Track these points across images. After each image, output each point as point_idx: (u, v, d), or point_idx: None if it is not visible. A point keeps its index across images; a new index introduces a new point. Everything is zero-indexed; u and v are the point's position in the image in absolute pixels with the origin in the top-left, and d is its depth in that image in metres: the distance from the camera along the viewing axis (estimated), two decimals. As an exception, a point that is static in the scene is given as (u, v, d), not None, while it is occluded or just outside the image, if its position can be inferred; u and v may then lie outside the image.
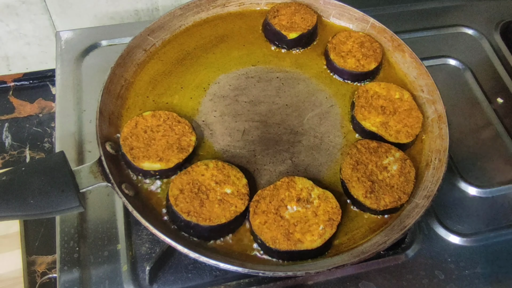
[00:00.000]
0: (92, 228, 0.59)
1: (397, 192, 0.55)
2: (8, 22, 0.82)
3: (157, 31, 0.67)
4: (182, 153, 0.55)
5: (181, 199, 0.52)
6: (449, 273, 0.59)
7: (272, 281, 0.57)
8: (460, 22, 0.86)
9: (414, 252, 0.60)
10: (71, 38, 0.77)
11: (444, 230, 0.62)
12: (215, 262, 0.48)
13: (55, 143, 0.66)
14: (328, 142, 0.61)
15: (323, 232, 0.51)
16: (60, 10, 0.83)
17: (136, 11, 0.88)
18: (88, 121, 0.68)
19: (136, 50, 0.65)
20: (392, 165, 0.57)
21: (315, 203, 0.53)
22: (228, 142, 0.60)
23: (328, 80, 0.66)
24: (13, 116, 0.85)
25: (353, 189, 0.55)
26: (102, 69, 0.72)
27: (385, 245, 0.51)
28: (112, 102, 0.60)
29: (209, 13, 0.71)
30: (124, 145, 0.55)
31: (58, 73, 0.73)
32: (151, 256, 0.57)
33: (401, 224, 0.54)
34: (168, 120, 0.58)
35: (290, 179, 0.55)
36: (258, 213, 0.52)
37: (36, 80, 0.90)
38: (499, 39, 0.85)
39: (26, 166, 0.50)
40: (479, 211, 0.64)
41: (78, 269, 0.56)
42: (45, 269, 0.69)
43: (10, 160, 0.80)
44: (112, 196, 0.62)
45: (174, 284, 0.56)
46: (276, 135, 0.61)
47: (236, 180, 0.54)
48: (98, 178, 0.52)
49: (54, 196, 0.48)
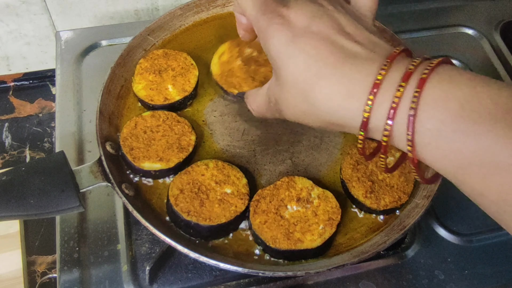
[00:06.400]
0: (92, 228, 0.59)
1: (397, 192, 0.55)
2: (8, 22, 0.82)
3: (157, 31, 0.67)
4: (182, 153, 0.56)
5: (181, 199, 0.52)
6: (449, 273, 0.59)
7: (272, 281, 0.57)
8: (460, 22, 0.87)
9: (414, 252, 0.60)
10: (71, 38, 0.77)
11: (444, 230, 0.62)
12: (215, 262, 0.48)
13: (55, 143, 0.66)
14: (328, 142, 0.61)
15: (323, 232, 0.51)
16: (60, 10, 0.83)
17: (136, 11, 0.88)
18: (88, 121, 0.68)
19: (136, 50, 0.65)
20: (392, 165, 0.57)
21: (315, 202, 0.53)
22: (228, 142, 0.60)
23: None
24: (13, 116, 0.85)
25: (353, 189, 0.55)
26: (102, 69, 0.72)
27: (385, 245, 0.51)
28: (112, 102, 0.60)
29: (209, 13, 0.71)
30: (124, 145, 0.55)
31: (58, 73, 0.73)
32: (151, 256, 0.57)
33: (401, 224, 0.54)
34: (168, 120, 0.58)
35: (290, 179, 0.55)
36: (258, 212, 0.52)
37: (36, 80, 0.90)
38: (499, 39, 0.85)
39: (26, 166, 0.50)
40: (479, 211, 0.63)
41: (78, 269, 0.56)
42: (45, 269, 0.69)
43: (10, 160, 0.80)
44: (112, 196, 0.62)
45: (174, 284, 0.56)
46: (276, 135, 0.61)
47: (236, 180, 0.54)
48: (98, 178, 0.52)
49: (54, 196, 0.48)
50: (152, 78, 0.61)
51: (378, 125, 0.36)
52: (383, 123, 0.35)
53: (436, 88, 0.33)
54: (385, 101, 0.35)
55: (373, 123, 0.36)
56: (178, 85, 0.61)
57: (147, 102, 0.60)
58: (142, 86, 0.60)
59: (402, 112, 0.34)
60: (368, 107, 0.35)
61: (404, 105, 0.34)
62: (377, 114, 0.36)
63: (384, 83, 0.35)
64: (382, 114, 0.35)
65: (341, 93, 0.37)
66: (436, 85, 0.33)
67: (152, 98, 0.60)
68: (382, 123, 0.36)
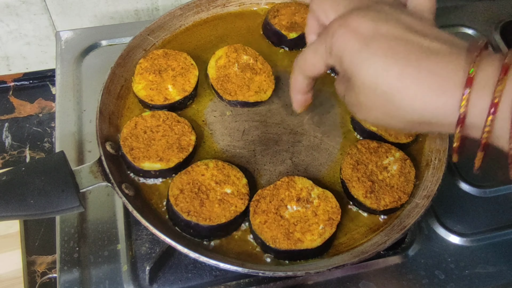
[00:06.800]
0: (92, 228, 0.59)
1: (397, 192, 0.55)
2: (8, 22, 0.82)
3: (157, 31, 0.67)
4: (182, 153, 0.56)
5: (181, 199, 0.52)
6: (449, 273, 0.59)
7: (272, 281, 0.57)
8: (460, 22, 0.86)
9: (414, 252, 0.60)
10: (71, 38, 0.77)
11: (444, 230, 0.62)
12: (215, 262, 0.48)
13: (55, 143, 0.66)
14: (328, 142, 0.61)
15: (323, 232, 0.51)
16: (60, 10, 0.83)
17: (136, 11, 0.88)
18: (88, 121, 0.68)
19: (136, 50, 0.65)
20: (392, 165, 0.57)
21: (315, 202, 0.53)
22: (228, 142, 0.60)
23: (328, 80, 0.66)
24: (13, 116, 0.85)
25: (353, 189, 0.55)
26: (102, 69, 0.72)
27: (385, 245, 0.51)
28: (112, 102, 0.60)
29: (209, 13, 0.71)
30: (124, 145, 0.55)
31: (58, 73, 0.73)
32: (151, 256, 0.57)
33: (401, 224, 0.54)
34: (168, 120, 0.58)
35: (290, 179, 0.55)
36: (258, 212, 0.52)
37: (36, 80, 0.90)
38: (499, 39, 0.84)
39: (26, 166, 0.50)
40: (479, 211, 0.64)
41: (78, 269, 0.56)
42: (45, 269, 0.69)
43: (10, 160, 0.80)
44: (112, 196, 0.62)
45: (174, 284, 0.56)
46: (276, 135, 0.61)
47: (236, 180, 0.54)
48: (98, 178, 0.52)
49: (54, 196, 0.48)
50: (152, 78, 0.61)
51: (475, 121, 0.35)
52: (481, 119, 0.34)
53: None
54: (483, 96, 0.34)
55: (470, 119, 0.35)
56: (178, 85, 0.61)
57: (147, 102, 0.60)
58: (142, 86, 0.60)
59: (504, 106, 0.33)
60: (464, 102, 0.34)
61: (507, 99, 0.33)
62: (475, 110, 0.34)
63: (479, 77, 0.34)
64: (481, 110, 0.34)
65: (431, 90, 0.36)
66: None
67: (152, 98, 0.60)
68: (480, 119, 0.34)
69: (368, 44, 0.38)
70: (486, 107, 0.34)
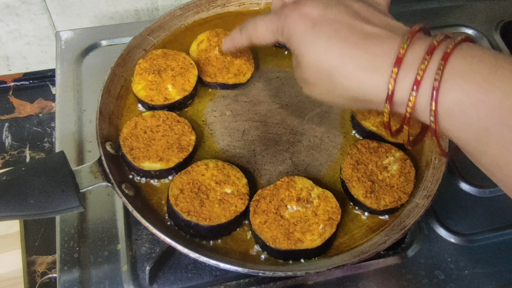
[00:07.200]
0: (92, 228, 0.59)
1: (397, 192, 0.55)
2: (8, 22, 0.82)
3: (157, 31, 0.67)
4: (182, 153, 0.56)
5: (181, 199, 0.52)
6: (449, 273, 0.59)
7: (272, 281, 0.57)
8: (460, 22, 0.86)
9: (414, 252, 0.60)
10: (71, 38, 0.77)
11: (444, 230, 0.62)
12: (215, 262, 0.48)
13: (55, 143, 0.66)
14: (328, 142, 0.61)
15: (323, 232, 0.51)
16: (60, 10, 0.83)
17: (136, 11, 0.88)
18: (88, 121, 0.68)
19: (136, 50, 0.65)
20: (392, 165, 0.57)
21: (315, 202, 0.53)
22: (228, 142, 0.60)
23: (328, 80, 0.67)
24: (13, 116, 0.85)
25: (353, 189, 0.55)
26: (102, 69, 0.72)
27: (385, 245, 0.51)
28: (112, 102, 0.60)
29: (209, 13, 0.71)
30: (124, 145, 0.55)
31: (58, 73, 0.73)
32: (151, 256, 0.57)
33: (401, 224, 0.54)
34: (168, 120, 0.58)
35: (290, 179, 0.55)
36: (258, 212, 0.52)
37: (36, 80, 0.90)
38: (499, 39, 0.84)
39: (26, 166, 0.50)
40: (479, 211, 0.64)
41: (78, 269, 0.56)
42: (45, 269, 0.69)
43: (10, 160, 0.80)
44: (112, 196, 0.62)
45: (174, 284, 0.56)
46: (276, 135, 0.61)
47: (236, 180, 0.54)
48: (98, 178, 0.52)
49: (54, 196, 0.48)
50: (152, 78, 0.61)
51: (402, 97, 0.38)
52: (407, 95, 0.37)
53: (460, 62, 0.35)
54: (409, 74, 0.37)
55: (398, 96, 0.38)
56: (177, 85, 0.61)
57: (147, 103, 0.60)
58: (142, 86, 0.60)
59: (426, 83, 0.36)
60: (392, 80, 0.37)
61: (428, 76, 0.36)
62: (401, 87, 0.37)
63: (408, 57, 0.37)
64: (406, 87, 0.37)
65: (366, 68, 0.39)
66: (460, 59, 0.35)
67: (152, 98, 0.60)
68: (406, 95, 0.37)
69: (315, 27, 0.41)
70: (410, 85, 0.37)
